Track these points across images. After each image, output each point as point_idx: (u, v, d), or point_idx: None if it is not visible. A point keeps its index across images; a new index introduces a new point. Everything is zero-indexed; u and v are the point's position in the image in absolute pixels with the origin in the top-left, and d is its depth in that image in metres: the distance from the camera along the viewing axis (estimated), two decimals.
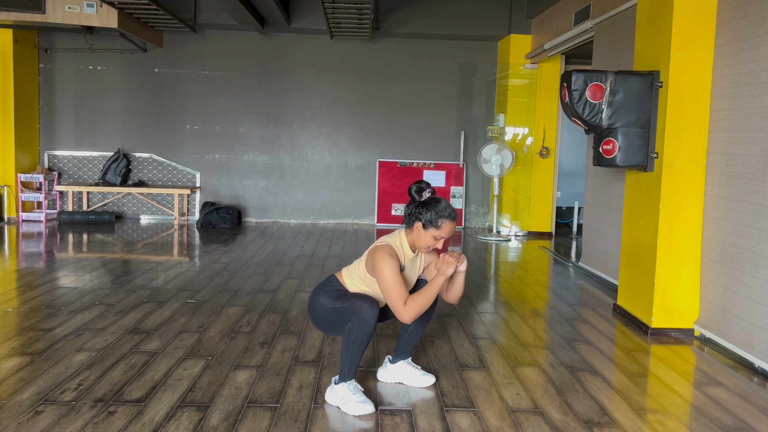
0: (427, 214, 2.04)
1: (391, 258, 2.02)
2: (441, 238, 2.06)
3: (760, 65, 2.58)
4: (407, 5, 6.24)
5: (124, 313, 3.08)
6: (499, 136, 6.27)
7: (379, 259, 2.02)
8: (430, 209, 2.04)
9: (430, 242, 2.06)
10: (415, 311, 2.00)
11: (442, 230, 2.04)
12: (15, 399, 2.04)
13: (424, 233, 2.05)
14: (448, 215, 2.04)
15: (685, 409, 2.16)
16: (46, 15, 5.22)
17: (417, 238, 2.08)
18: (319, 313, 2.12)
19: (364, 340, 2.02)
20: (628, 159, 3.02)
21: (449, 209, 2.06)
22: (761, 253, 2.55)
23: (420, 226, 2.06)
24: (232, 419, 1.95)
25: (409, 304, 2.00)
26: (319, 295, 2.14)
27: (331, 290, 2.15)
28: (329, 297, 2.11)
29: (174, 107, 6.57)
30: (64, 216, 6.20)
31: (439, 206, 2.04)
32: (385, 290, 2.02)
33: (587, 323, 3.18)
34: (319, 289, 2.17)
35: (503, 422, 1.99)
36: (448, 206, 2.06)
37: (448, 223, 2.04)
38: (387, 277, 2.00)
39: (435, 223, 2.04)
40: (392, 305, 2.01)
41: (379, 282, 2.03)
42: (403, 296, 2.00)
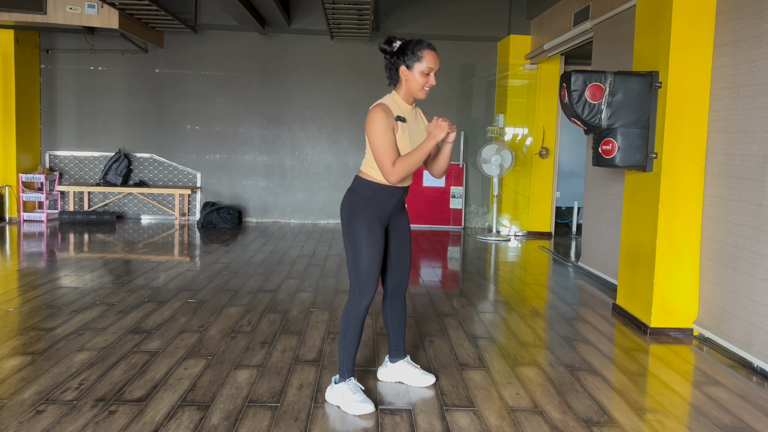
0: (404, 54, 2.01)
1: (383, 115, 1.97)
2: (429, 71, 2.02)
3: (758, 66, 2.59)
4: (407, 6, 6.25)
5: (125, 312, 3.09)
6: (498, 136, 6.28)
7: (370, 119, 1.98)
8: (407, 49, 2.01)
9: (421, 80, 2.02)
10: (402, 171, 1.97)
11: (426, 60, 2.00)
12: (16, 398, 2.04)
13: (411, 74, 2.02)
14: (426, 45, 2.01)
15: (684, 408, 2.16)
16: (48, 16, 5.23)
17: (408, 85, 2.04)
18: (351, 235, 2.04)
19: (358, 322, 2.05)
20: (627, 159, 3.03)
21: (424, 41, 2.03)
22: (760, 252, 2.55)
23: (404, 69, 2.02)
24: (232, 418, 1.95)
25: (397, 165, 1.97)
26: (359, 218, 2.04)
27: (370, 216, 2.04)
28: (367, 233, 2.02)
29: (175, 107, 6.58)
30: (65, 216, 6.21)
31: (413, 42, 2.03)
32: (375, 150, 1.98)
33: (586, 323, 3.19)
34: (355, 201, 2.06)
35: (503, 421, 2.00)
36: (421, 39, 2.04)
37: (429, 51, 2.00)
38: (376, 136, 1.96)
39: (416, 57, 2.00)
40: (380, 164, 1.98)
41: (370, 143, 2.00)
42: (392, 156, 1.97)
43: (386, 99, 2.08)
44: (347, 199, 2.11)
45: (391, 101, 2.07)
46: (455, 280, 4.20)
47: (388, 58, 2.06)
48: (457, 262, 4.84)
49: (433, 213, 6.61)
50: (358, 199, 2.07)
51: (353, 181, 2.13)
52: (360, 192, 2.08)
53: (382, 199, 2.08)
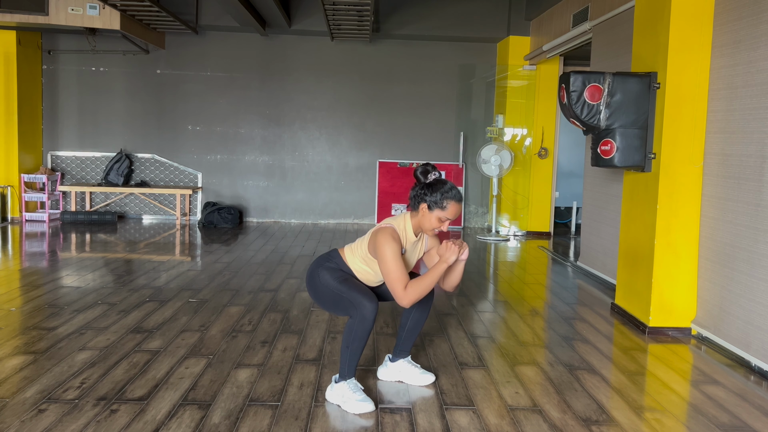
0: (432, 195, 2.04)
1: (394, 241, 2.02)
2: (446, 220, 2.06)
3: (756, 66, 2.60)
4: (407, 7, 6.27)
5: (126, 312, 3.10)
6: (498, 136, 6.29)
7: (382, 241, 2.02)
8: (436, 190, 2.04)
9: (435, 224, 2.06)
10: (414, 296, 2.00)
11: (448, 211, 2.04)
12: (18, 397, 2.05)
13: (429, 215, 2.05)
14: (453, 196, 2.04)
15: (683, 407, 2.17)
16: (49, 17, 5.25)
17: (422, 220, 2.08)
18: (319, 289, 2.13)
19: (363, 336, 2.03)
20: (625, 159, 3.04)
21: (455, 191, 2.06)
22: (758, 252, 2.57)
23: (425, 207, 2.05)
24: (233, 417, 1.96)
25: (409, 289, 2.00)
26: (321, 270, 2.13)
27: (333, 267, 2.14)
28: (331, 276, 2.11)
29: (176, 108, 6.60)
30: (67, 216, 6.23)
31: (445, 187, 2.05)
32: (386, 274, 2.02)
33: (585, 322, 3.20)
34: (320, 263, 2.16)
35: (502, 420, 2.00)
36: (453, 188, 2.06)
37: (454, 204, 2.04)
38: (388, 261, 2.00)
39: (440, 204, 2.03)
40: (392, 289, 2.02)
41: (381, 265, 2.03)
42: (404, 281, 2.00)
43: (398, 223, 2.11)
44: (313, 266, 2.17)
45: (402, 228, 2.11)
46: None
47: (418, 188, 2.09)
48: None
49: None
50: (327, 263, 2.15)
51: (332, 257, 2.17)
52: (332, 262, 2.15)
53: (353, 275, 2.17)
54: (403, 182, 6.72)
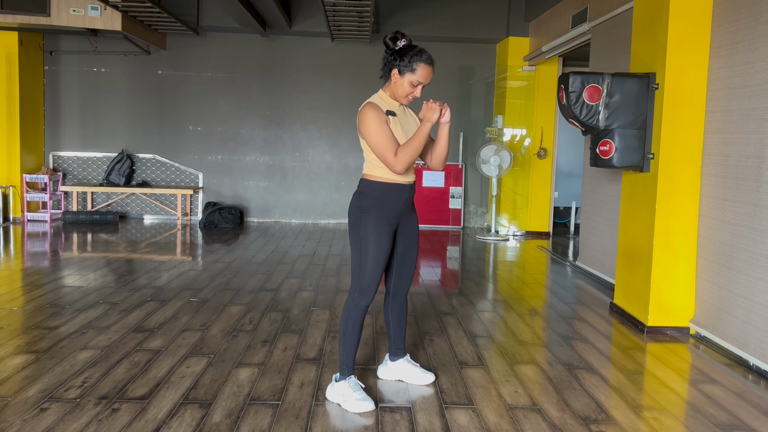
0: (402, 59, 1.99)
1: (374, 110, 1.98)
2: (418, 83, 2.01)
3: (754, 67, 2.61)
4: (407, 8, 6.28)
5: (127, 311, 3.12)
6: (497, 137, 6.31)
7: (362, 118, 1.98)
8: (405, 54, 2.00)
9: (407, 89, 2.02)
10: (405, 159, 1.97)
11: (418, 74, 1.99)
12: (20, 396, 2.06)
13: (401, 80, 2.01)
14: (423, 59, 2.00)
15: (681, 406, 2.18)
16: (51, 18, 5.27)
17: (394, 87, 2.04)
18: (357, 234, 2.06)
19: (358, 320, 2.07)
20: (624, 160, 3.05)
21: (425, 53, 2.02)
22: (756, 252, 2.58)
23: (396, 72, 2.01)
24: (234, 416, 1.97)
25: (400, 154, 1.97)
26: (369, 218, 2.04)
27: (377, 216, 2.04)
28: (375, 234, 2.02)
29: (177, 109, 6.62)
30: (68, 216, 6.25)
31: (414, 50, 2.00)
32: (374, 146, 1.98)
33: (584, 322, 3.21)
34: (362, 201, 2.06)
35: (501, 419, 2.01)
36: (423, 51, 2.02)
37: (424, 66, 1.99)
38: (372, 132, 1.96)
39: (410, 66, 1.98)
40: (383, 159, 1.98)
41: (368, 141, 1.99)
42: (393, 147, 1.97)
43: (373, 98, 2.09)
44: (355, 201, 2.11)
45: (379, 99, 2.09)
46: (454, 279, 4.22)
47: (387, 54, 2.06)
48: (457, 262, 4.86)
49: (433, 213, 6.64)
50: (366, 200, 2.07)
51: (359, 184, 2.13)
52: (368, 193, 2.07)
53: (390, 198, 2.07)
54: None
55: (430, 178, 6.64)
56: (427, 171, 6.65)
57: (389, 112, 2.05)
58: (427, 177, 6.65)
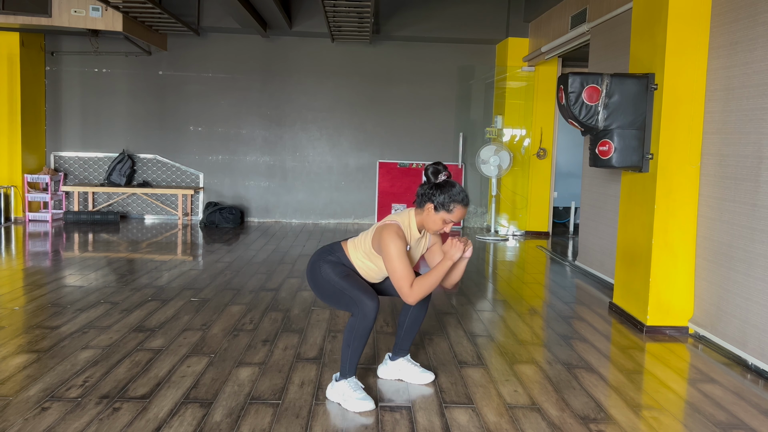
0: (440, 196, 2.04)
1: (399, 239, 2.02)
2: (450, 222, 2.06)
3: (753, 68, 2.62)
4: (407, 9, 6.29)
5: (128, 311, 3.13)
6: (497, 137, 6.32)
7: (387, 239, 2.02)
8: (444, 192, 2.04)
9: (439, 225, 2.07)
10: (421, 293, 2.01)
11: (453, 214, 2.05)
12: (22, 395, 2.07)
13: (435, 215, 2.06)
14: (461, 200, 2.05)
15: (680, 405, 2.19)
16: (53, 18, 5.28)
17: (426, 219, 2.08)
18: (320, 282, 2.13)
19: (364, 334, 2.05)
20: (623, 160, 3.06)
21: (463, 194, 2.06)
22: (754, 252, 2.58)
23: (431, 207, 2.06)
24: (235, 415, 1.98)
25: (415, 287, 2.01)
26: (322, 263, 2.13)
27: (335, 261, 2.14)
28: (333, 270, 2.11)
29: (178, 109, 6.64)
30: (69, 216, 6.26)
31: (453, 190, 2.05)
32: (392, 271, 2.02)
33: (584, 321, 3.22)
34: (322, 255, 2.16)
35: (501, 418, 2.02)
36: (462, 191, 2.07)
37: (460, 208, 2.05)
38: (394, 259, 2.00)
39: (447, 206, 2.04)
40: (398, 287, 2.02)
41: (386, 262, 2.03)
42: (410, 278, 2.01)
43: (403, 219, 2.11)
44: (317, 257, 2.16)
45: (407, 225, 2.11)
46: None
47: (426, 186, 2.09)
48: None
49: None
50: (332, 259, 2.15)
51: (333, 248, 2.17)
52: (338, 261, 2.14)
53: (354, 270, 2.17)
54: (403, 182, 6.75)
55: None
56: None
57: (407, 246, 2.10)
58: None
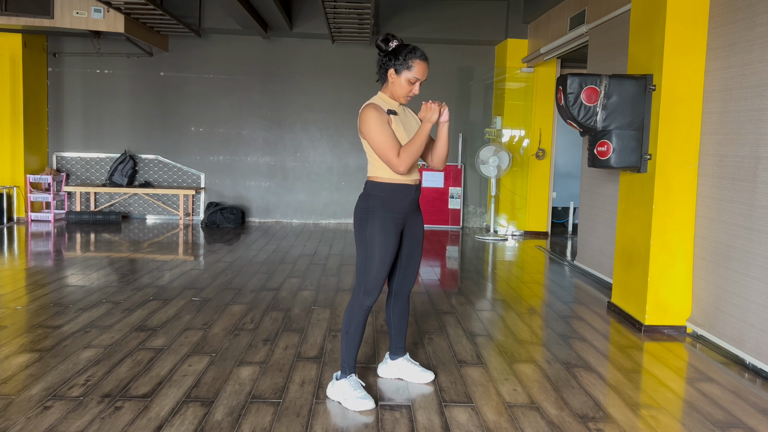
0: (396, 59, 2.02)
1: (375, 113, 1.99)
2: (416, 80, 2.04)
3: (750, 69, 2.63)
4: (407, 10, 6.32)
5: (130, 310, 3.14)
6: (496, 138, 6.34)
7: (363, 119, 2.00)
8: (399, 53, 2.02)
9: (406, 88, 2.04)
10: (408, 160, 1.99)
11: (414, 70, 2.02)
12: (24, 394, 2.08)
13: (398, 79, 2.03)
14: (418, 55, 2.02)
15: (678, 404, 2.20)
16: (55, 20, 5.31)
17: (393, 87, 2.06)
18: (363, 235, 2.07)
19: (361, 321, 2.08)
20: (622, 160, 3.07)
21: (419, 50, 2.04)
22: (752, 252, 2.60)
23: (393, 72, 2.03)
24: (235, 414, 1.99)
25: (402, 155, 1.99)
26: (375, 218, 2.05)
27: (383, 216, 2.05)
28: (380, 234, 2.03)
29: (179, 110, 6.66)
30: (71, 216, 6.29)
31: (407, 48, 2.02)
32: (377, 147, 1.99)
33: (582, 320, 3.23)
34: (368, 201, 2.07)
35: (500, 417, 2.03)
36: (416, 48, 2.05)
37: (419, 62, 2.01)
38: (374, 134, 1.98)
39: (406, 64, 2.01)
40: (385, 159, 2.00)
41: (370, 142, 2.01)
42: (395, 147, 1.99)
43: (374, 99, 2.11)
44: (361, 202, 2.12)
45: (379, 100, 2.11)
46: (454, 278, 4.24)
47: (381, 56, 2.08)
48: (456, 262, 4.89)
49: (432, 213, 6.67)
50: (372, 202, 2.08)
51: (365, 186, 2.14)
52: (374, 195, 2.08)
53: (397, 199, 2.09)
54: None
55: (429, 179, 6.66)
56: (426, 171, 6.68)
57: (390, 111, 2.07)
58: (427, 177, 6.68)
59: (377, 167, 2.09)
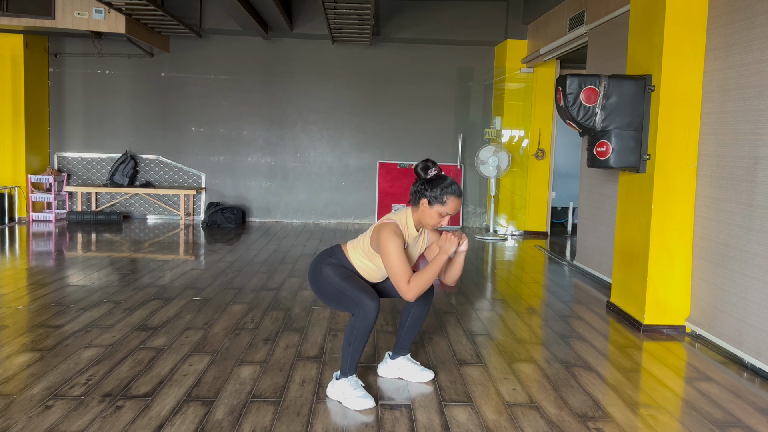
0: (432, 190, 2.07)
1: (396, 236, 2.05)
2: (446, 215, 2.08)
3: (749, 69, 2.64)
4: (407, 11, 6.33)
5: (131, 310, 3.15)
6: (495, 138, 6.35)
7: (385, 237, 2.05)
8: (436, 186, 2.07)
9: (435, 219, 2.09)
10: (418, 289, 2.04)
11: (448, 206, 2.07)
12: (26, 394, 2.09)
13: (430, 210, 2.08)
14: (453, 192, 2.07)
15: (677, 403, 2.20)
16: (56, 21, 5.32)
17: (422, 215, 2.11)
18: (322, 284, 2.16)
19: (365, 333, 2.07)
20: (621, 160, 3.08)
21: (455, 186, 2.09)
22: (751, 252, 2.61)
23: (426, 202, 2.08)
24: (236, 413, 1.99)
25: (413, 283, 2.03)
26: (324, 266, 2.17)
27: (335, 263, 2.17)
28: (334, 272, 2.14)
29: (180, 110, 6.67)
30: (73, 216, 6.30)
31: (445, 182, 2.07)
32: (390, 269, 2.04)
33: (581, 320, 3.24)
34: (323, 258, 2.20)
35: (500, 416, 2.04)
36: (453, 183, 2.09)
37: (454, 199, 2.07)
38: (392, 256, 2.03)
39: (440, 199, 2.06)
40: (396, 284, 2.05)
41: (384, 260, 2.06)
42: (407, 275, 2.04)
43: (400, 218, 2.14)
44: (318, 261, 2.19)
45: (404, 223, 2.14)
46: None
47: (418, 184, 2.12)
48: None
49: None
50: (331, 260, 2.18)
51: (335, 248, 2.21)
52: (336, 261, 2.18)
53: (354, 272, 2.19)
54: (403, 183, 6.77)
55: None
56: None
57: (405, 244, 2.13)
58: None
59: (357, 255, 2.18)
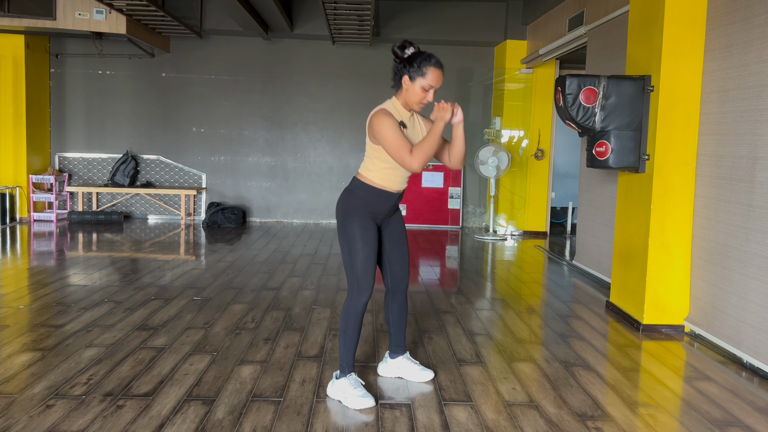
0: (411, 66, 2.03)
1: (387, 116, 2.02)
2: (430, 87, 2.05)
3: (748, 70, 2.65)
4: (406, 12, 6.34)
5: (132, 310, 3.16)
6: (495, 138, 6.35)
7: (377, 122, 2.02)
8: (414, 60, 2.03)
9: (420, 95, 2.05)
10: (422, 156, 1.99)
11: (429, 78, 2.03)
12: (27, 393, 2.09)
13: (412, 86, 2.04)
14: (433, 63, 2.03)
15: (676, 403, 2.21)
16: (57, 21, 5.34)
17: (407, 95, 2.07)
18: (344, 235, 2.10)
19: (358, 318, 2.10)
20: (620, 161, 3.09)
21: (434, 57, 2.05)
22: (749, 251, 2.61)
23: (407, 79, 2.04)
24: (237, 413, 2.00)
25: (415, 152, 2.00)
26: (353, 218, 2.09)
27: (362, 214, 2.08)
28: (360, 229, 2.07)
29: (181, 110, 6.69)
30: (74, 216, 6.31)
31: (423, 56, 2.03)
32: (389, 147, 2.01)
33: (581, 320, 3.25)
34: (348, 201, 2.12)
35: (499, 416, 2.04)
36: (432, 55, 2.06)
37: (434, 69, 2.02)
38: (388, 134, 1.99)
39: (420, 71, 2.02)
40: (399, 158, 2.02)
41: (383, 143, 2.03)
42: (407, 147, 2.00)
43: (387, 104, 2.13)
44: (343, 199, 2.16)
45: (392, 107, 2.12)
46: (453, 278, 4.26)
47: (397, 63, 2.09)
48: (455, 261, 4.90)
49: (432, 213, 6.69)
50: (353, 199, 2.13)
51: (351, 182, 2.18)
52: (356, 193, 2.13)
53: (377, 202, 2.13)
54: None
55: (429, 179, 6.69)
56: (426, 171, 6.70)
57: (401, 123, 2.09)
58: (426, 177, 6.70)
59: (369, 169, 2.13)
